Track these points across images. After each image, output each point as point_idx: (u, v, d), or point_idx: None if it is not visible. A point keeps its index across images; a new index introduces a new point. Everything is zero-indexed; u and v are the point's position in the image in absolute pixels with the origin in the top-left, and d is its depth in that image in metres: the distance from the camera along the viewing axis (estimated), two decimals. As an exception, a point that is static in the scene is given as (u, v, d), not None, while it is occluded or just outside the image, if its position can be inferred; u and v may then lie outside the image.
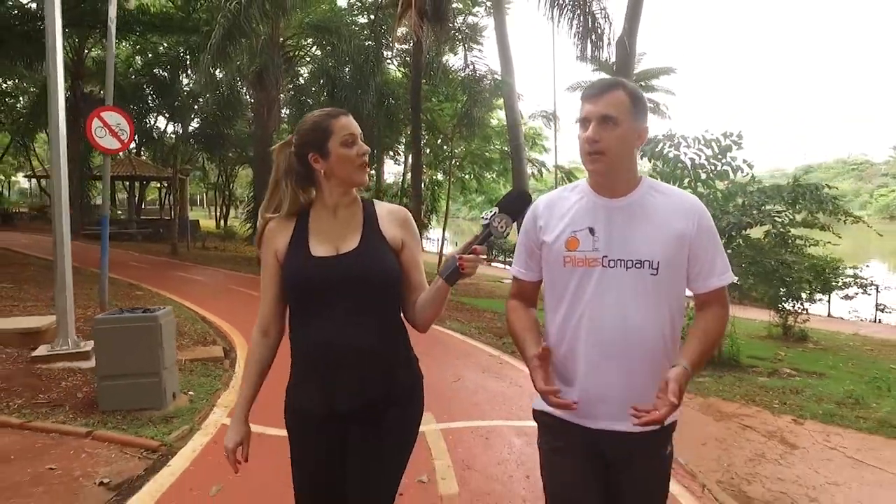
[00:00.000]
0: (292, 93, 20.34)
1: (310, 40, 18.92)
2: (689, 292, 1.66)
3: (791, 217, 7.04)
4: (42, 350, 5.53)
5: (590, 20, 10.60)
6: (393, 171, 27.57)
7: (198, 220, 30.63)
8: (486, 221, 1.52)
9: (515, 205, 1.53)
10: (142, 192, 31.77)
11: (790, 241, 7.02)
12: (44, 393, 4.68)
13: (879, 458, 3.81)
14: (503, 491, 3.24)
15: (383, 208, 1.71)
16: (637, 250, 1.52)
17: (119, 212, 31.97)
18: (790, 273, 6.63)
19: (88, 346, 5.68)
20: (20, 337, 5.87)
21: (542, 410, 1.65)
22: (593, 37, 10.44)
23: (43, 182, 37.31)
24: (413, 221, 1.73)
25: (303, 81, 21.55)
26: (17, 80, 27.41)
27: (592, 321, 1.53)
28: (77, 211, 23.82)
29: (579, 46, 10.97)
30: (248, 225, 24.80)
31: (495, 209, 1.52)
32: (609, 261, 1.53)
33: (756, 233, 7.20)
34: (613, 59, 12.18)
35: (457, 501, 3.11)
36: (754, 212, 6.67)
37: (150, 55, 24.06)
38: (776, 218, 6.76)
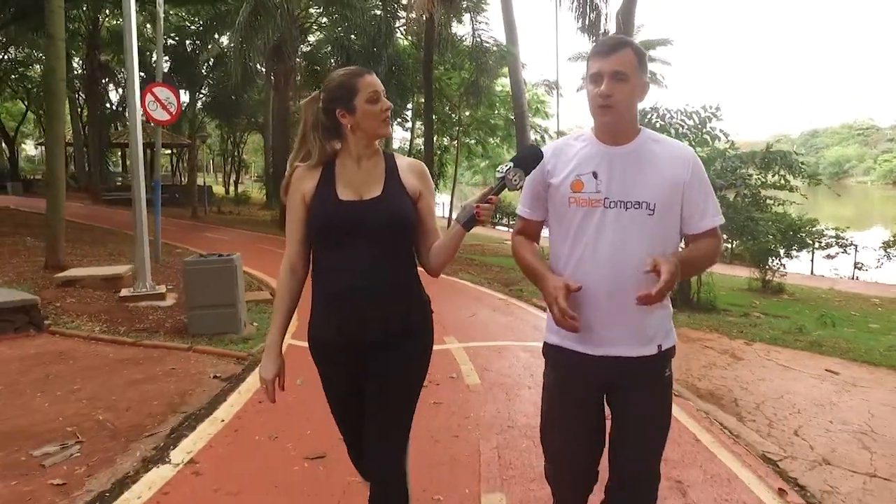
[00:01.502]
0: (304, 62, 20.99)
1: (318, 10, 19.49)
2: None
3: (763, 179, 8.01)
4: (125, 292, 6.63)
5: (588, -2, 11.35)
6: (399, 136, 28.32)
7: (210, 186, 31.47)
8: (502, 174, 1.61)
9: (528, 160, 1.65)
10: (153, 158, 32.50)
11: (761, 202, 8.00)
12: (139, 323, 5.78)
13: (801, 365, 4.92)
14: (512, 383, 4.34)
15: (402, 161, 1.83)
16: (636, 193, 1.63)
17: (130, 177, 32.81)
18: (757, 228, 7.64)
19: (162, 288, 6.79)
20: (104, 282, 6.96)
21: (551, 344, 1.79)
22: (592, 16, 11.20)
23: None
24: (429, 173, 1.87)
25: (310, 49, 22.17)
26: (30, 50, 27.96)
27: (594, 256, 1.65)
28: (97, 178, 24.80)
29: (580, 21, 11.71)
30: (265, 191, 25.68)
31: (510, 163, 1.63)
32: (610, 202, 1.64)
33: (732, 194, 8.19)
34: (613, 31, 12.96)
35: (479, 390, 4.20)
36: (729, 175, 7.65)
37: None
38: (747, 180, 7.74)
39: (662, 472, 1.81)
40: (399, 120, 23.01)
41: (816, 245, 13.37)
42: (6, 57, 27.69)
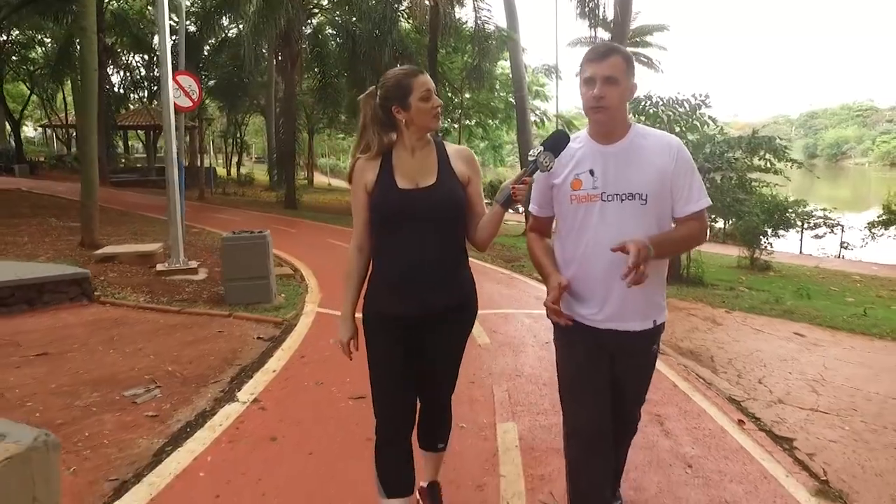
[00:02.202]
0: (306, 44, 21.29)
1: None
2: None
3: (749, 163, 8.58)
4: (160, 267, 7.22)
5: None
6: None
7: (215, 168, 31.84)
8: (534, 157, 1.77)
9: (557, 143, 1.80)
10: (155, 140, 32.78)
11: (747, 184, 8.58)
12: (177, 294, 6.37)
13: (772, 329, 5.56)
14: (518, 343, 4.97)
15: (451, 148, 1.99)
16: (629, 185, 1.81)
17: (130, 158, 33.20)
18: (742, 208, 8.23)
19: (193, 264, 7.37)
20: (139, 258, 7.54)
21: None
22: (591, 4, 11.64)
23: (59, 132, 38.34)
24: (476, 159, 2.04)
25: (311, 31, 22.47)
26: (32, 32, 28.14)
27: (596, 244, 1.82)
28: (104, 160, 25.20)
29: (579, 8, 12.15)
30: (271, 173, 26.16)
31: (541, 147, 1.78)
32: (606, 195, 1.82)
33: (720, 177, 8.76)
34: (611, 17, 13.41)
35: (490, 347, 4.82)
36: (717, 159, 8.22)
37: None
38: (733, 164, 8.31)
39: (645, 410, 2.29)
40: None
41: (805, 225, 13.99)
42: (8, 39, 27.87)
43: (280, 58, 16.46)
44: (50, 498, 2.22)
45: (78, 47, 24.18)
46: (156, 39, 28.30)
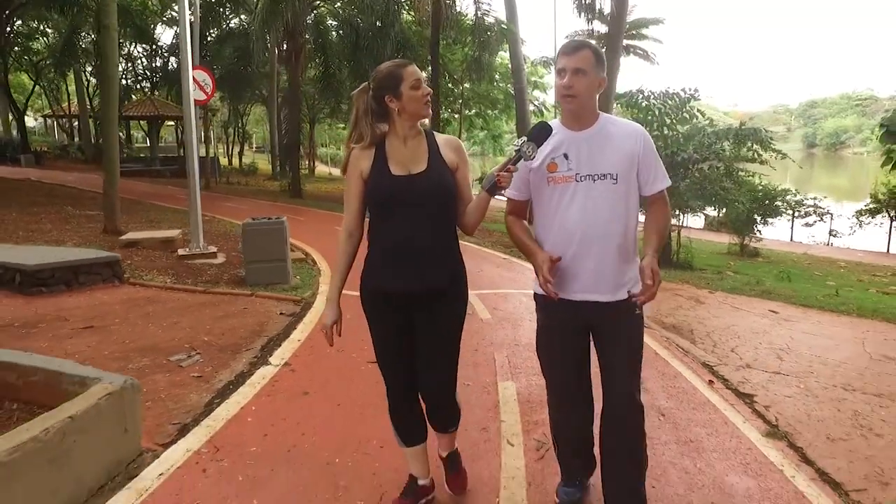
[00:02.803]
0: (309, 36, 21.59)
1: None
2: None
3: (736, 153, 9.03)
4: (182, 251, 7.70)
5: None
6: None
7: (218, 157, 32.11)
8: (518, 147, 1.90)
9: (540, 134, 1.93)
10: (159, 130, 33.01)
11: (734, 173, 9.04)
12: (201, 276, 6.86)
13: (750, 307, 6.06)
14: (517, 318, 5.47)
15: (441, 138, 2.11)
16: (601, 166, 1.97)
17: (132, 148, 33.45)
18: (728, 196, 8.70)
19: (213, 249, 7.85)
20: (161, 244, 8.02)
21: (539, 294, 2.14)
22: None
23: (61, 122, 38.57)
24: (464, 148, 2.16)
25: (312, 21, 22.78)
26: (35, 24, 28.35)
27: (573, 221, 1.98)
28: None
29: (576, 2, 12.54)
30: (275, 163, 26.51)
31: (524, 138, 1.92)
32: (580, 176, 1.98)
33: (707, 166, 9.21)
34: (608, 11, 13.79)
35: (491, 321, 5.31)
36: (705, 150, 8.67)
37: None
38: (720, 154, 8.76)
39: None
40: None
41: (795, 214, 14.46)
42: (12, 30, 28.06)
43: (285, 49, 16.78)
44: (135, 430, 2.74)
45: (81, 38, 24.69)
46: (158, 30, 28.77)
